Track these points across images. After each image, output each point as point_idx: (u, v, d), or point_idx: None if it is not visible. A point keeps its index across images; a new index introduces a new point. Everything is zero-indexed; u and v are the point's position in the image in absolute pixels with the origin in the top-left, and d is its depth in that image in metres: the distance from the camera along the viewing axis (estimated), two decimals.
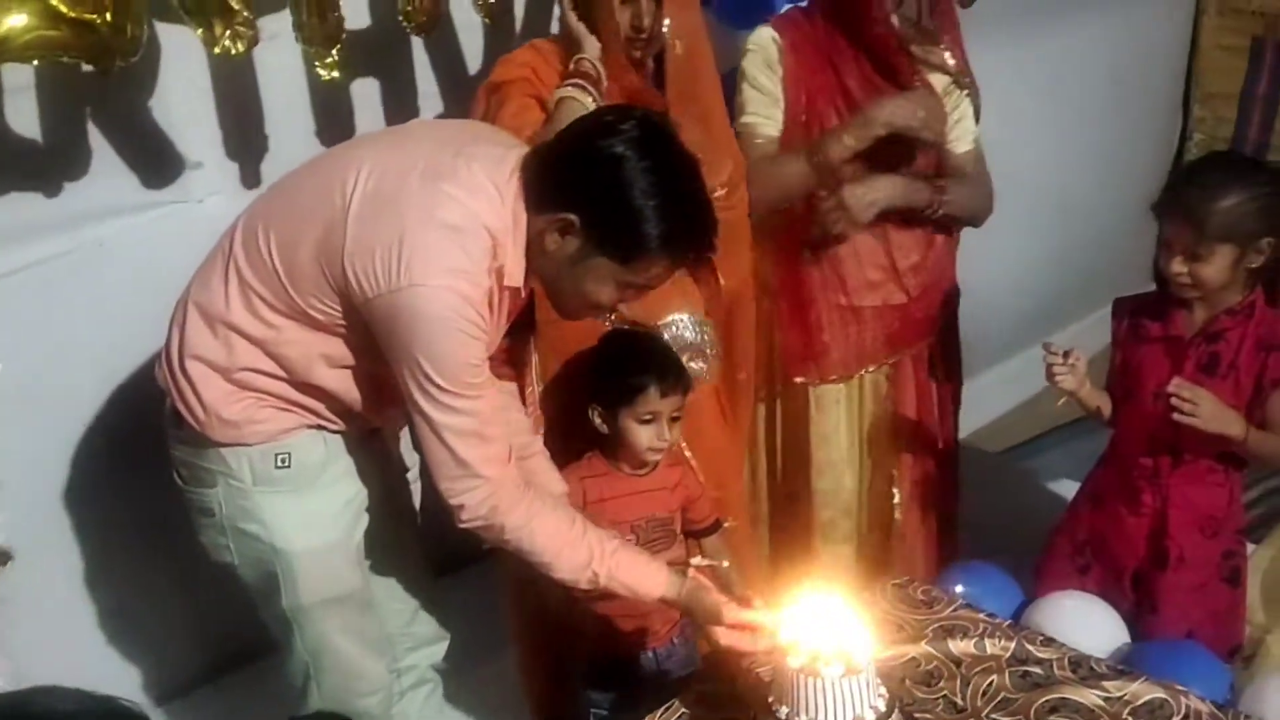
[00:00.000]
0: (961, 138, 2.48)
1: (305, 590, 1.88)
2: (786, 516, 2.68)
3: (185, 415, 1.82)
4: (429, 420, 1.70)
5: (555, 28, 2.45)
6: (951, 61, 2.42)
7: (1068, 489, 2.79)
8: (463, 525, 1.77)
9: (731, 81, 2.47)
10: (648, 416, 2.04)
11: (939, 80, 2.42)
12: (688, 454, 2.26)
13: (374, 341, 1.71)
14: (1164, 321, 2.18)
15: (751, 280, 2.43)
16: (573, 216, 1.66)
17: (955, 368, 2.71)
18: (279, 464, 1.83)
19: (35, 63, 1.78)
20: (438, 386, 1.67)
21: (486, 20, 2.32)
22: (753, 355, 2.49)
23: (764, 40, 2.42)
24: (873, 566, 2.64)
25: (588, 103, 2.03)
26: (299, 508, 1.85)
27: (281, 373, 1.80)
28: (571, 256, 1.69)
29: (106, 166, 2.14)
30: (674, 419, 2.07)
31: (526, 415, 2.10)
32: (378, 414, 1.89)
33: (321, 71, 1.96)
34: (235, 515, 1.86)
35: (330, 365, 1.79)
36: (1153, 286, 2.18)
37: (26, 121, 2.04)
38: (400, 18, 2.14)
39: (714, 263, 2.22)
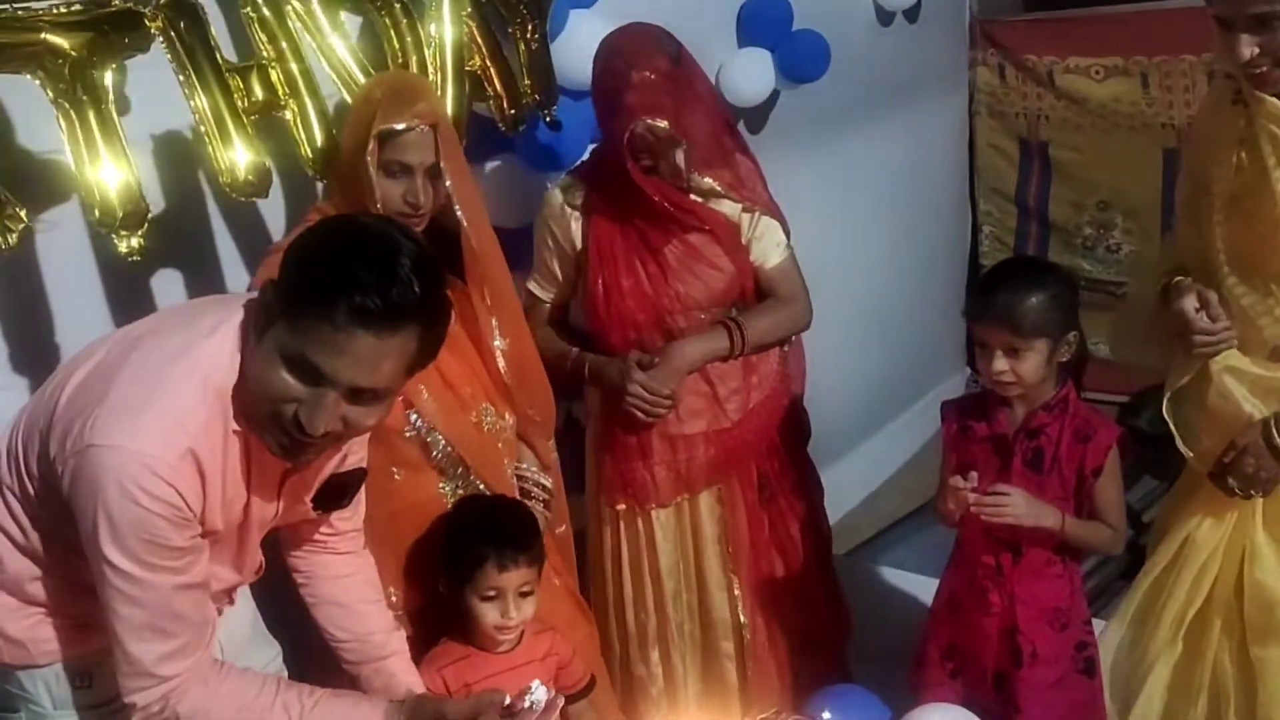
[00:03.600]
0: (768, 253, 2.52)
1: None
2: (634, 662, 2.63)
3: None
4: (109, 607, 1.54)
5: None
6: (727, 198, 2.47)
7: (920, 586, 2.83)
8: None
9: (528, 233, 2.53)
10: (490, 593, 1.95)
11: (730, 207, 2.47)
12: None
13: None
14: (989, 421, 2.25)
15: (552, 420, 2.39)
16: (269, 297, 1.54)
17: (803, 480, 2.72)
18: (78, 684, 1.68)
19: None
20: (111, 564, 1.50)
21: (318, 180, 2.23)
22: (565, 506, 2.45)
23: (552, 199, 2.48)
24: (728, 693, 2.61)
25: None
26: None
27: (59, 581, 1.65)
28: (258, 345, 1.54)
29: None
30: (523, 594, 1.97)
31: (385, 605, 1.98)
32: None
33: (125, 253, 1.83)
34: None
35: (82, 571, 1.60)
36: (963, 373, 2.29)
37: None
38: (226, 188, 2.03)
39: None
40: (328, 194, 2.22)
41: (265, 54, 2.08)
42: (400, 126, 1.99)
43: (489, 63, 2.35)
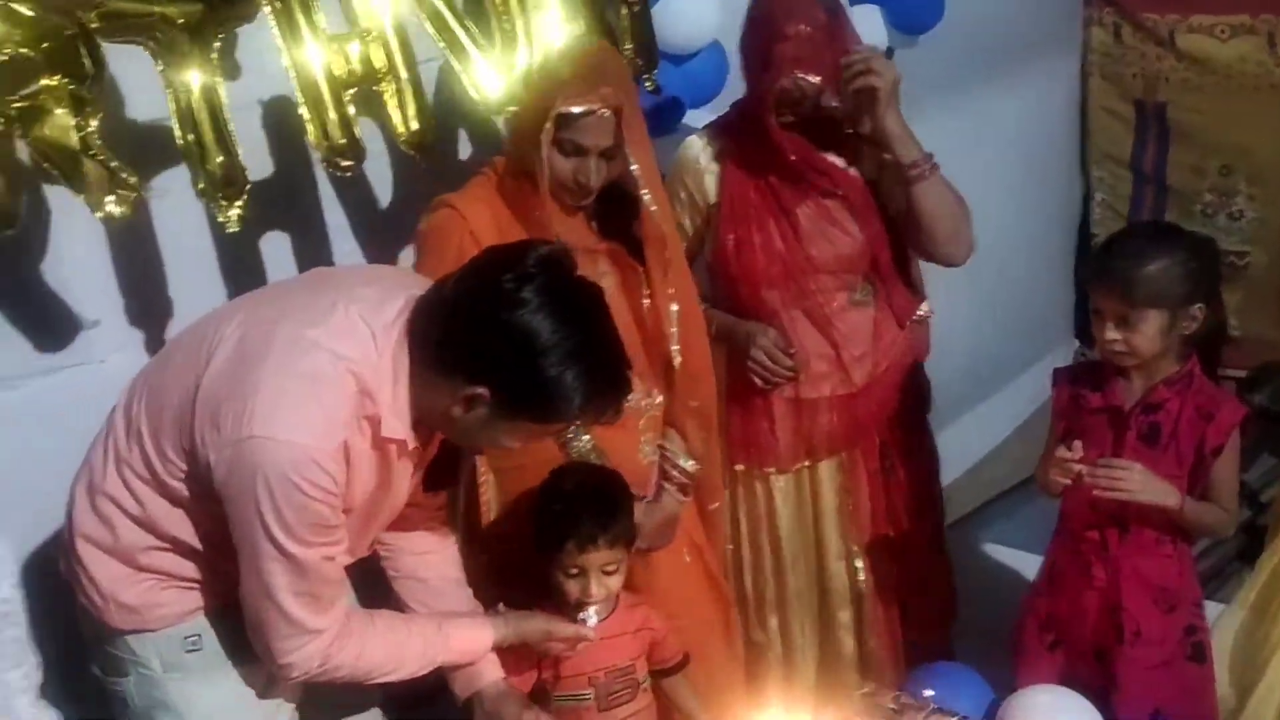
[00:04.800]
0: None
1: None
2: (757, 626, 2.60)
3: (85, 603, 1.73)
4: (262, 577, 1.60)
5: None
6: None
7: (1024, 562, 2.76)
8: (291, 680, 1.71)
9: None
10: (572, 570, 1.95)
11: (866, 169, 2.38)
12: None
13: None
14: (1103, 392, 2.17)
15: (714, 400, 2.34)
16: (481, 390, 1.58)
17: (922, 451, 2.64)
18: (189, 647, 1.73)
19: None
20: (275, 544, 1.58)
21: (411, 153, 2.22)
22: (720, 483, 2.42)
23: (688, 151, 2.43)
24: (844, 664, 2.58)
25: None
26: (213, 694, 1.75)
27: (175, 549, 1.70)
28: (480, 420, 1.62)
29: (3, 333, 2.04)
30: (606, 572, 1.96)
31: (465, 584, 2.00)
32: None
33: (225, 224, 1.88)
34: (149, 706, 1.75)
35: (207, 540, 1.69)
36: (1071, 345, 2.23)
37: None
38: (322, 161, 2.07)
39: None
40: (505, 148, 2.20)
41: (363, 26, 2.08)
42: (579, 110, 1.95)
43: (591, 29, 2.33)
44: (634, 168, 2.03)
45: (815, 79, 2.23)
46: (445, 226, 2.04)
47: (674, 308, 2.15)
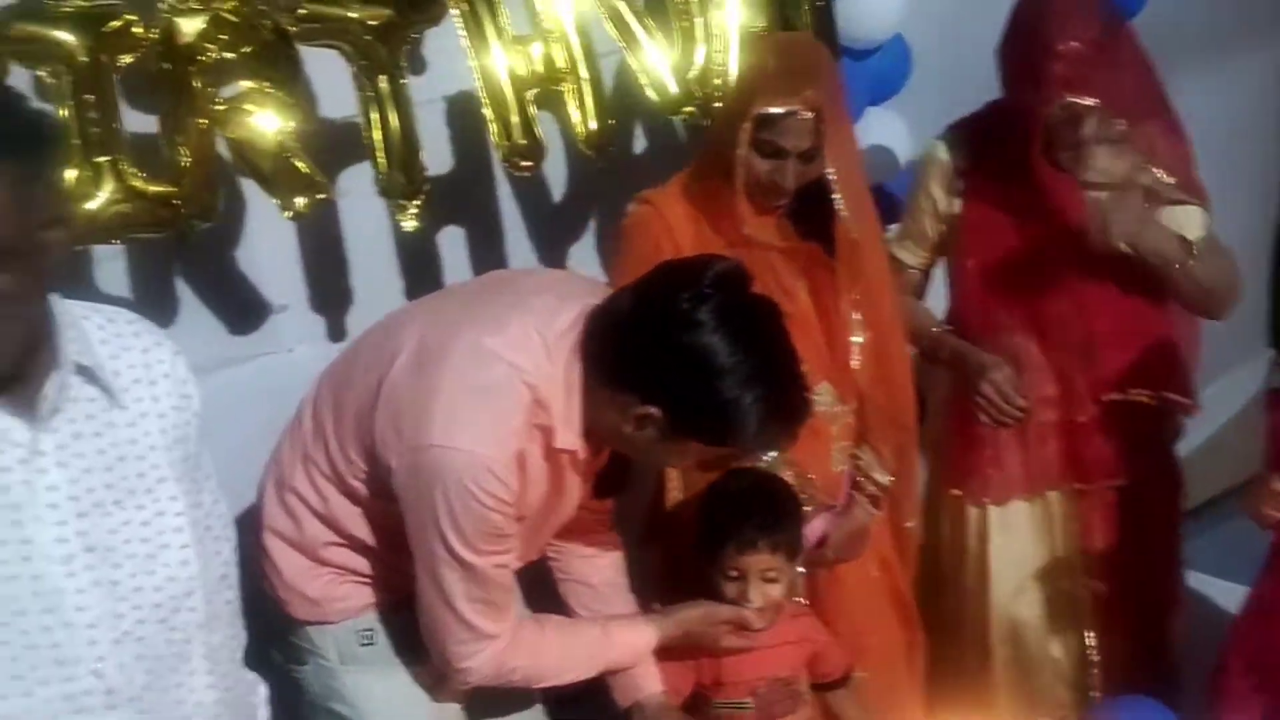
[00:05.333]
0: (1187, 223, 2.18)
1: None
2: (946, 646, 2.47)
3: (269, 592, 1.79)
4: (439, 584, 1.63)
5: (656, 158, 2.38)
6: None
7: (1217, 590, 2.63)
8: (468, 685, 1.73)
9: None
10: (732, 573, 1.91)
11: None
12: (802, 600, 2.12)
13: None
14: None
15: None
16: (653, 410, 1.57)
17: (1167, 483, 2.43)
18: (364, 641, 1.78)
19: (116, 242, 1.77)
20: (451, 552, 1.60)
21: (590, 153, 2.22)
22: (918, 499, 2.32)
23: (936, 155, 2.29)
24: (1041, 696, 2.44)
25: None
26: (386, 687, 1.79)
27: (351, 545, 1.75)
28: (650, 439, 1.61)
29: (196, 321, 2.13)
30: (767, 579, 1.91)
31: (630, 590, 1.99)
32: None
33: (403, 223, 1.93)
34: (326, 695, 1.80)
35: (384, 538, 1.73)
36: (1263, 355, 2.07)
37: (118, 284, 2.04)
38: (502, 161, 2.09)
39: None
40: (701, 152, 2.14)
41: (546, 26, 2.09)
42: (780, 111, 1.88)
43: (772, 24, 2.28)
44: (830, 173, 1.94)
45: (1091, 103, 2.01)
46: (642, 223, 2.02)
47: (856, 316, 2.06)
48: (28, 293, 1.15)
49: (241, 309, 2.19)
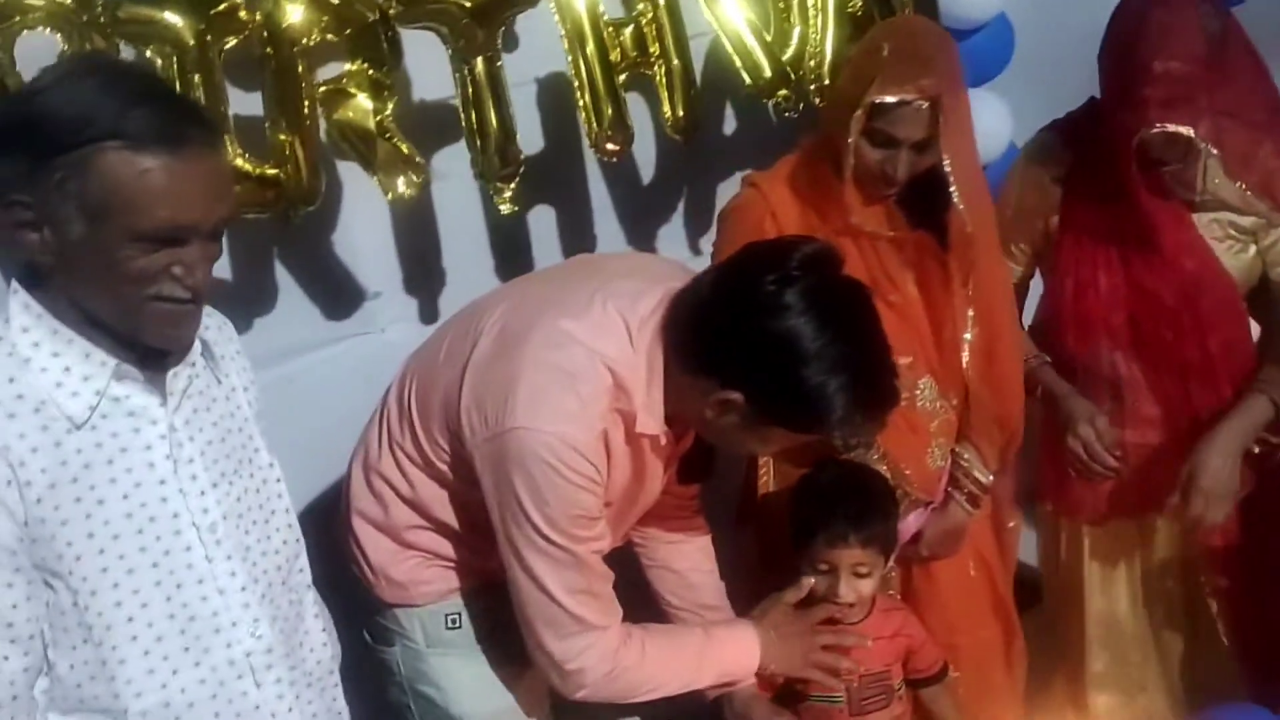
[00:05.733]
0: None
1: None
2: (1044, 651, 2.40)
3: (358, 575, 1.80)
4: (534, 575, 1.60)
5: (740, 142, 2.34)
6: (1243, 211, 2.04)
7: None
8: (579, 695, 1.67)
9: None
10: (822, 566, 1.88)
11: (1247, 221, 2.04)
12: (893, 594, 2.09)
13: None
14: None
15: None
16: (735, 396, 1.53)
17: None
18: (449, 624, 1.78)
19: None
20: (544, 537, 1.57)
21: (676, 137, 2.20)
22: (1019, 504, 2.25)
23: (1033, 157, 2.17)
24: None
25: None
26: (473, 670, 1.79)
27: (437, 529, 1.75)
28: (733, 425, 1.57)
29: (292, 302, 2.16)
30: (858, 574, 1.87)
31: (719, 577, 1.97)
32: None
33: (500, 206, 1.93)
34: (413, 677, 1.81)
35: (470, 522, 1.72)
36: None
37: (216, 266, 2.07)
38: (590, 145, 2.09)
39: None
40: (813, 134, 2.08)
41: (639, 7, 2.07)
42: (893, 100, 1.81)
43: (873, 5, 2.23)
44: (945, 163, 1.87)
45: (1186, 131, 1.88)
46: (746, 207, 1.99)
47: (969, 312, 1.99)
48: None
49: (337, 291, 2.21)
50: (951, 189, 1.89)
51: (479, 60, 1.82)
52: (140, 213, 1.15)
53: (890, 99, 1.81)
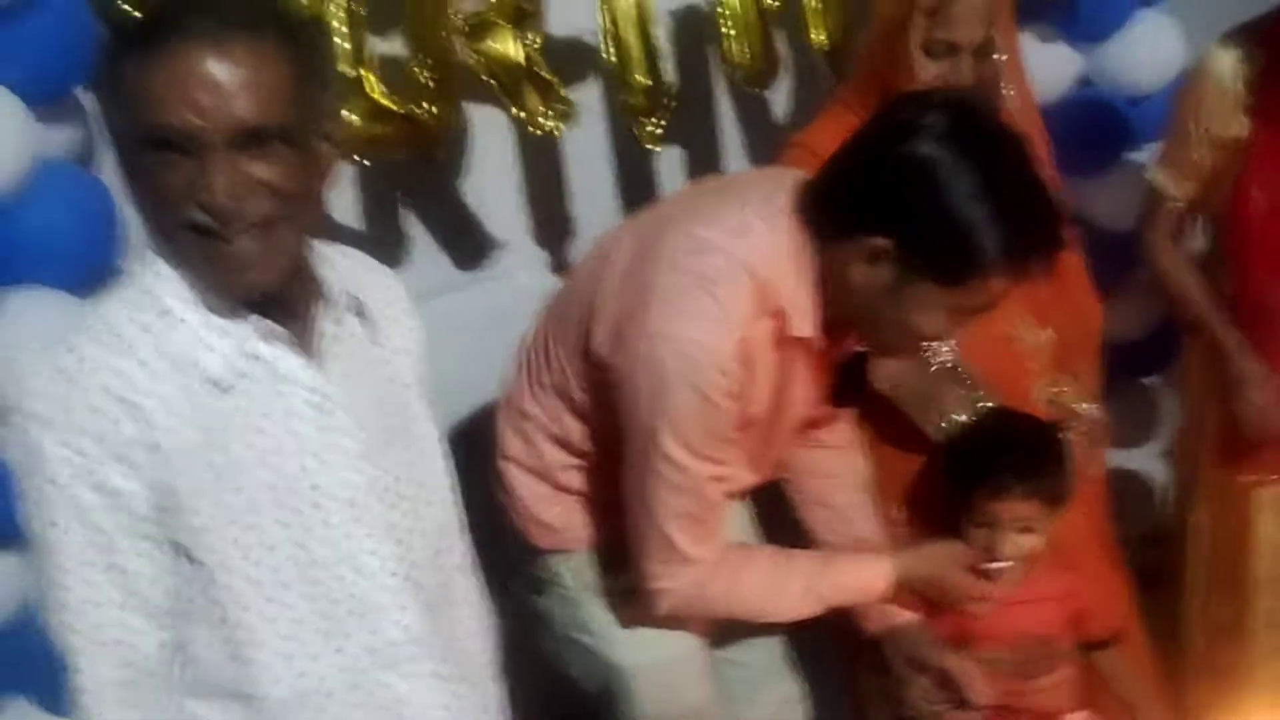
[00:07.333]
0: None
1: (646, 709, 1.73)
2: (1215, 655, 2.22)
3: (510, 522, 1.74)
4: (647, 496, 1.53)
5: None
6: None
7: None
8: (659, 612, 1.61)
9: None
10: (981, 520, 1.76)
11: None
12: None
13: None
14: None
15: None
16: (882, 240, 1.42)
17: None
18: (606, 570, 1.71)
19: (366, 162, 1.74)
20: (666, 453, 1.49)
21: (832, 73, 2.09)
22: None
23: (1217, 62, 1.97)
24: None
25: None
26: (629, 616, 1.71)
27: (587, 466, 1.68)
28: (887, 287, 1.45)
29: (423, 247, 2.14)
30: (1022, 530, 1.75)
31: (875, 510, 1.85)
32: None
33: (645, 142, 1.84)
34: (568, 624, 1.75)
35: (618, 455, 1.62)
36: None
37: (345, 212, 2.04)
38: (736, 82, 2.00)
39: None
40: (851, 77, 2.01)
41: None
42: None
43: None
44: (999, 57, 1.75)
45: None
46: (796, 166, 1.82)
47: None
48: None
49: (466, 236, 2.17)
50: (1007, 89, 1.79)
51: None
52: (135, 115, 1.03)
53: None
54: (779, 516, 1.87)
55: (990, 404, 1.88)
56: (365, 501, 1.18)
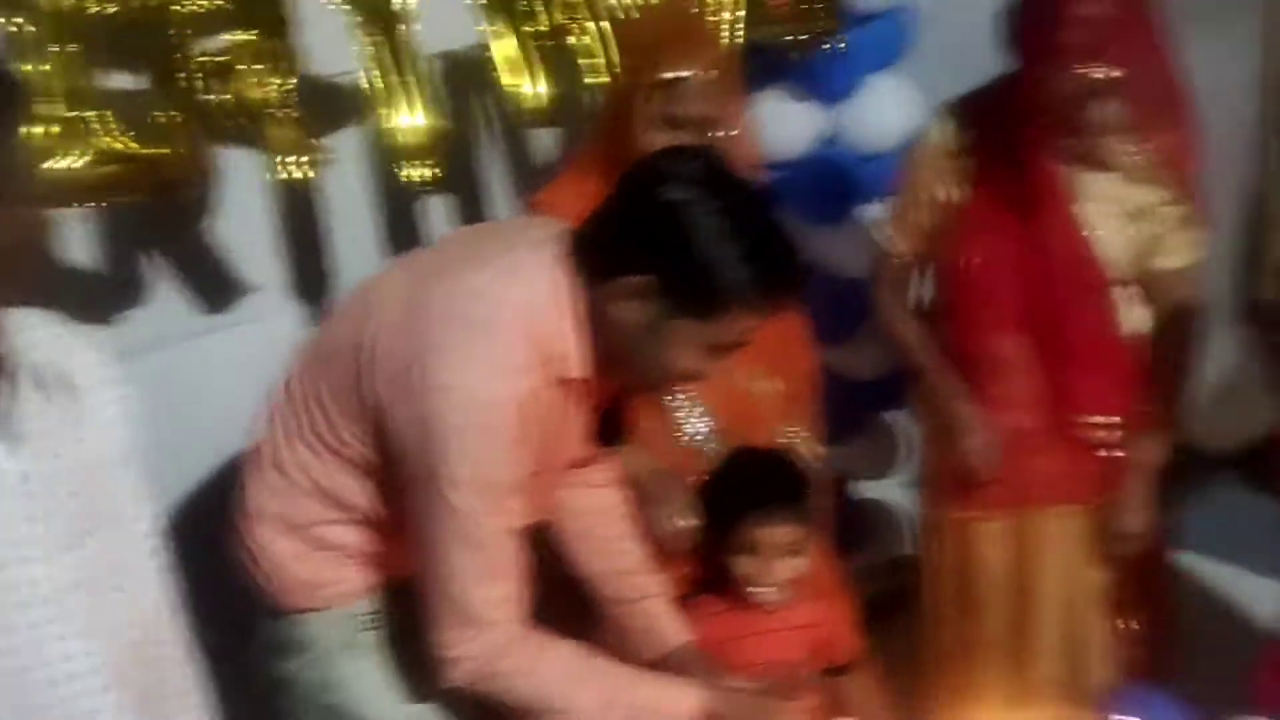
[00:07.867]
0: (1173, 251, 2.06)
1: None
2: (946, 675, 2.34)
3: (256, 583, 1.67)
4: (438, 551, 1.50)
5: None
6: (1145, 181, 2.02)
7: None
8: (452, 683, 1.55)
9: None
10: (750, 548, 1.82)
11: (1142, 194, 2.02)
12: None
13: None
14: None
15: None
16: (643, 279, 1.48)
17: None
18: (363, 626, 1.66)
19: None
20: (453, 508, 1.47)
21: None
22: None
23: (931, 135, 2.11)
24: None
25: None
26: (385, 674, 1.67)
27: (353, 521, 1.63)
28: (649, 324, 1.50)
29: (166, 292, 2.03)
30: (789, 553, 1.82)
31: (640, 543, 1.86)
32: None
33: (411, 181, 1.80)
34: (318, 688, 1.68)
35: (391, 510, 1.59)
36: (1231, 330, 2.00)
37: (80, 255, 1.92)
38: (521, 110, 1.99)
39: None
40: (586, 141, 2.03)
41: None
42: (686, 75, 1.75)
43: None
44: (727, 132, 1.80)
45: (1111, 74, 1.85)
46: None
47: None
48: None
49: (213, 282, 2.07)
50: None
51: (400, 27, 1.70)
52: None
53: (682, 73, 1.75)
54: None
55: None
56: (72, 598, 1.09)
